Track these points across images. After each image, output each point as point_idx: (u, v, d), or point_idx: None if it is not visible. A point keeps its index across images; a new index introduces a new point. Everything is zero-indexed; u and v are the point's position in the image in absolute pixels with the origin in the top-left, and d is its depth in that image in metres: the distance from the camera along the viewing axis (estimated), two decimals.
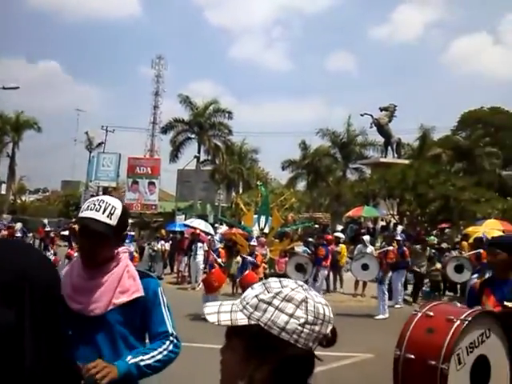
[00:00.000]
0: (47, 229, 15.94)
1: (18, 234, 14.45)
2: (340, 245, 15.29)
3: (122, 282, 2.27)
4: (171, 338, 2.31)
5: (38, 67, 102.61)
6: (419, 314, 3.06)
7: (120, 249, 2.36)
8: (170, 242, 18.37)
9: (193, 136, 43.48)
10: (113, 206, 2.22)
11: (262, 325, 1.20)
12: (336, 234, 16.20)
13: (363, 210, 23.55)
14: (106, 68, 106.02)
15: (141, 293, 2.30)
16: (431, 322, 2.96)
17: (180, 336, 2.38)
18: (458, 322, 2.82)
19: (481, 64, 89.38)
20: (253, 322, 1.21)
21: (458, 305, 3.44)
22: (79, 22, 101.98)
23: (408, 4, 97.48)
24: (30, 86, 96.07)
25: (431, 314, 3.01)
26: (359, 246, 14.01)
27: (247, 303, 1.24)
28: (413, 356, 2.91)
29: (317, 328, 1.21)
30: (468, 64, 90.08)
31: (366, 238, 14.05)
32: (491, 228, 15.78)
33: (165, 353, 2.26)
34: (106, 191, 45.94)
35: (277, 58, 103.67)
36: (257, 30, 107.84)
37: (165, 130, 44.77)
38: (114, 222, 2.19)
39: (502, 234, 14.61)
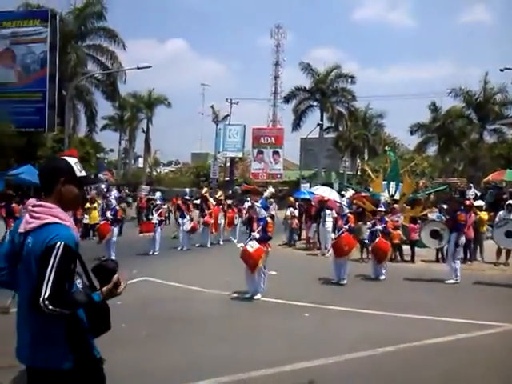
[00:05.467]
0: (187, 197, 17.04)
1: (158, 202, 15.57)
2: (481, 212, 14.15)
3: None
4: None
5: (165, 46, 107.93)
6: None
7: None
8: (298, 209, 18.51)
9: (315, 104, 43.12)
10: None
11: None
12: (476, 202, 15.00)
13: (505, 174, 21.54)
14: (228, 42, 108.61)
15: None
16: None
17: (313, 299, 2.24)
18: None
19: None
20: None
21: None
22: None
23: None
24: (159, 65, 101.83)
25: None
26: (501, 212, 12.86)
27: None
28: None
29: None
30: None
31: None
32: None
33: None
34: (233, 162, 47.97)
35: (402, 17, 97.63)
36: None
37: (287, 100, 44.91)
38: None
39: None
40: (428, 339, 6.30)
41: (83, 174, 2.53)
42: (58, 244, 2.24)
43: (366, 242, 13.15)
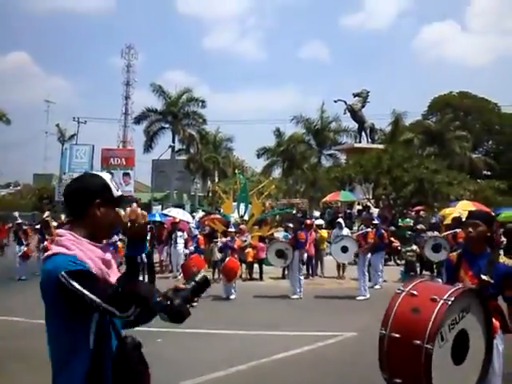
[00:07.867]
0: (18, 221, 15.73)
1: None
2: (321, 230, 15.47)
3: None
4: None
5: (6, 59, 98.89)
6: (403, 293, 3.14)
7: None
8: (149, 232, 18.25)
9: (166, 126, 43.02)
10: None
11: None
12: (317, 221, 16.37)
13: (340, 195, 23.87)
14: (77, 59, 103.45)
15: None
16: (416, 302, 3.04)
17: (165, 323, 2.15)
18: (442, 301, 2.92)
19: (449, 51, 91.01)
20: None
21: (440, 281, 3.53)
22: (49, 12, 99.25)
23: None
24: None
25: (415, 292, 3.09)
26: (335, 229, 14.23)
27: None
28: (398, 335, 2.98)
29: None
30: (437, 51, 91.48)
31: (341, 220, 14.32)
32: (464, 209, 16.23)
33: None
34: None
35: (251, 47, 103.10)
36: (230, 19, 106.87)
37: (138, 121, 44.16)
38: None
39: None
40: (277, 354, 6.68)
41: (120, 192, 2.11)
42: (60, 276, 1.88)
43: (218, 262, 13.48)
